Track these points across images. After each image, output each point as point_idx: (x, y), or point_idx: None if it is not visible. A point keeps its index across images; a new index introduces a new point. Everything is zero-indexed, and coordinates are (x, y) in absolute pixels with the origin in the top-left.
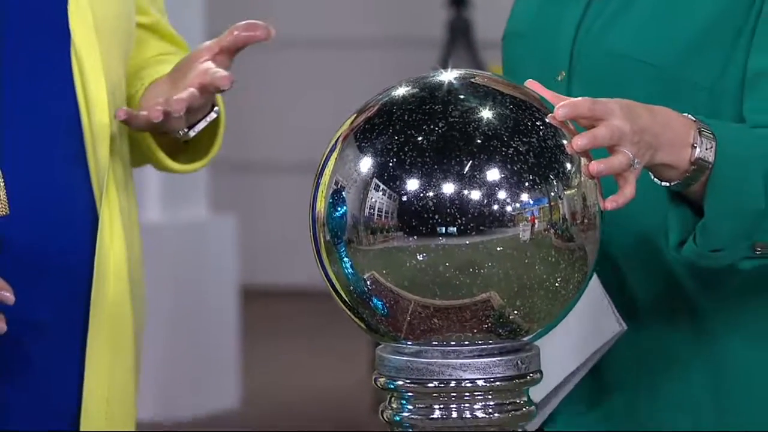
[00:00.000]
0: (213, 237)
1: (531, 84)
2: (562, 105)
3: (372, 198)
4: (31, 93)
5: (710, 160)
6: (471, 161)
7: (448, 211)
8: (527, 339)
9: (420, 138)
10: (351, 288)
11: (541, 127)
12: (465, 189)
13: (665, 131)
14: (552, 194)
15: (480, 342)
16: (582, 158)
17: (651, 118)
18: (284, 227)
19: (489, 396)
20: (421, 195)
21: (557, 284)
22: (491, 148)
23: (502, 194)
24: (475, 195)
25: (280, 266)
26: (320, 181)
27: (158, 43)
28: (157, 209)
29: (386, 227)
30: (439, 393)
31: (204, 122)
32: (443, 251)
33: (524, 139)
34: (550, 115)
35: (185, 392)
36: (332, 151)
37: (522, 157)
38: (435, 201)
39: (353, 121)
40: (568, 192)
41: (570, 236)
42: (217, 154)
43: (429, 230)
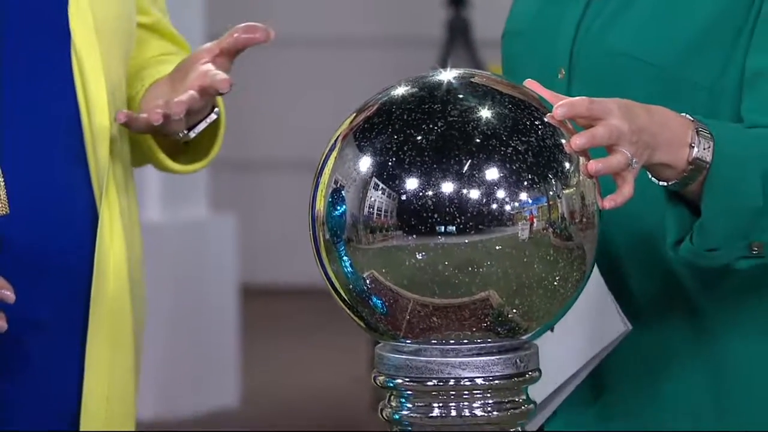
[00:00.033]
0: (213, 236)
1: (530, 83)
2: (561, 104)
3: (371, 197)
4: (31, 93)
5: (708, 160)
6: (470, 160)
7: (447, 210)
8: (526, 337)
9: (419, 137)
10: (350, 287)
11: (540, 127)
12: (464, 188)
13: (663, 131)
14: (551, 193)
15: (479, 340)
16: (580, 157)
17: (649, 118)
18: (284, 226)
19: (488, 394)
20: (421, 194)
21: (556, 283)
22: (490, 148)
23: (501, 193)
24: (474, 194)
25: (280, 265)
26: (320, 180)
27: (159, 43)
28: (157, 208)
29: (385, 226)
30: (438, 391)
31: (204, 124)
32: (442, 250)
33: (523, 139)
34: (549, 115)
35: (185, 390)
36: (332, 151)
37: (521, 157)
38: (434, 200)
39: (353, 121)
40: (567, 191)
41: (568, 235)
42: (217, 154)
43: (428, 229)
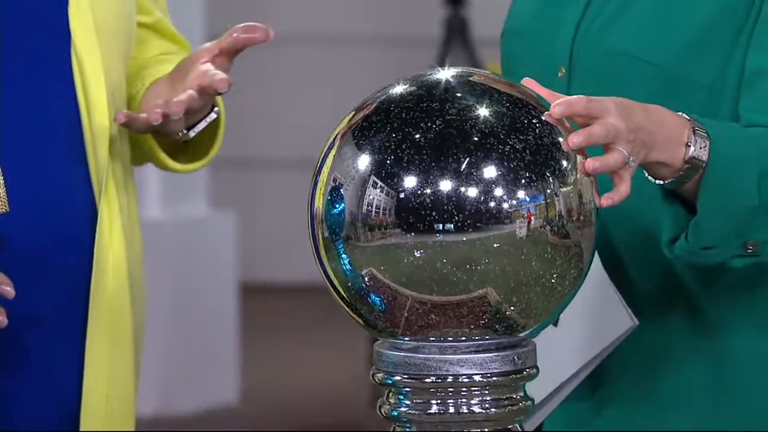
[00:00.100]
0: (212, 234)
1: (528, 82)
2: (558, 103)
3: (370, 195)
4: (31, 93)
5: (704, 159)
6: (468, 158)
7: (445, 208)
8: (524, 335)
9: (417, 135)
10: (349, 284)
11: (538, 125)
12: (462, 186)
13: (660, 130)
14: (548, 191)
15: (477, 338)
16: (578, 156)
17: (646, 117)
18: (283, 224)
19: (486, 391)
20: (419, 192)
21: (553, 280)
22: (488, 146)
23: (499, 191)
24: (472, 192)
25: (279, 263)
26: (318, 179)
27: (160, 43)
28: (157, 206)
29: (384, 224)
30: (437, 388)
31: (204, 123)
32: (440, 248)
33: (521, 137)
34: (546, 113)
35: (184, 388)
36: (330, 149)
37: (518, 155)
38: (432, 198)
39: (351, 119)
40: (564, 189)
41: (566, 233)
42: (217, 153)
43: (426, 227)
